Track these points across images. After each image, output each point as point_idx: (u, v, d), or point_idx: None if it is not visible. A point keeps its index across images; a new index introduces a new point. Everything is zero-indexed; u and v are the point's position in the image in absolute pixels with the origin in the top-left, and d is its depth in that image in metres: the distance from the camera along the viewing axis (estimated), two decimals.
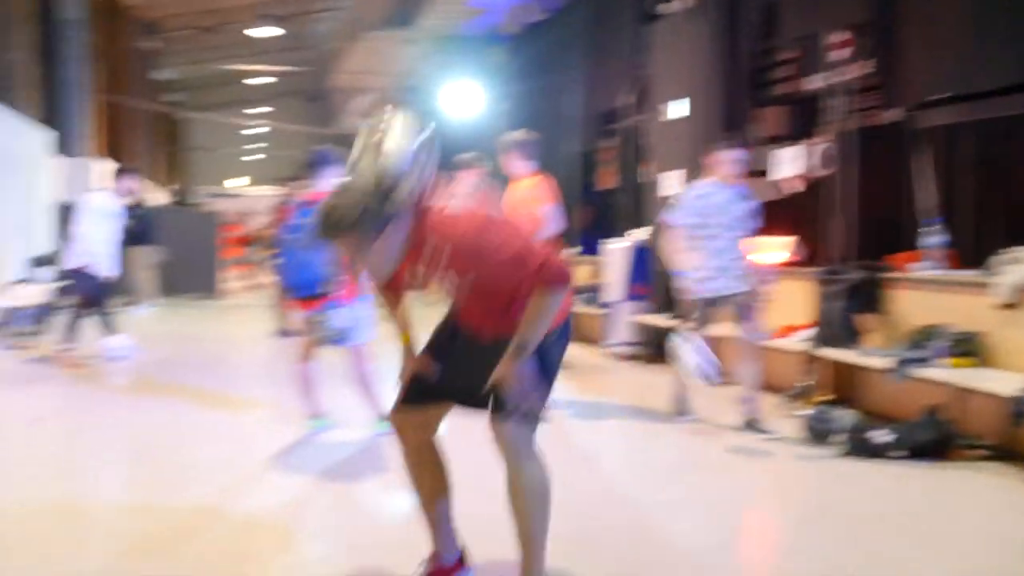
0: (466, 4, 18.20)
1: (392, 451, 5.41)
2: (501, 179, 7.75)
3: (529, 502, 3.09)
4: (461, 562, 3.37)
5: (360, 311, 5.78)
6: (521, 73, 14.69)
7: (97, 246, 8.70)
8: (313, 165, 6.19)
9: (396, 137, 3.00)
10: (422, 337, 3.37)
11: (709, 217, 6.13)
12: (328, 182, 6.08)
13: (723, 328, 6.47)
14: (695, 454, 5.78)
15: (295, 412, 6.13)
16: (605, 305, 10.20)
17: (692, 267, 6.12)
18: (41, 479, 4.95)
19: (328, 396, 6.00)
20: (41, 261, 12.68)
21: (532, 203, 7.13)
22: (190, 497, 4.56)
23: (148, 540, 3.92)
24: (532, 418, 3.09)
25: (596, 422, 6.72)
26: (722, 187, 6.20)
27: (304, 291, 5.88)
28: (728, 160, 6.23)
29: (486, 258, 2.99)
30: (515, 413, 3.03)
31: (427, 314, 3.56)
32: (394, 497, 4.67)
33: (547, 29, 13.94)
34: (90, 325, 8.87)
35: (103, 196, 9.02)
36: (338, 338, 5.84)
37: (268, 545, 3.89)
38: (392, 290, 3.35)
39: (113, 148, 23.08)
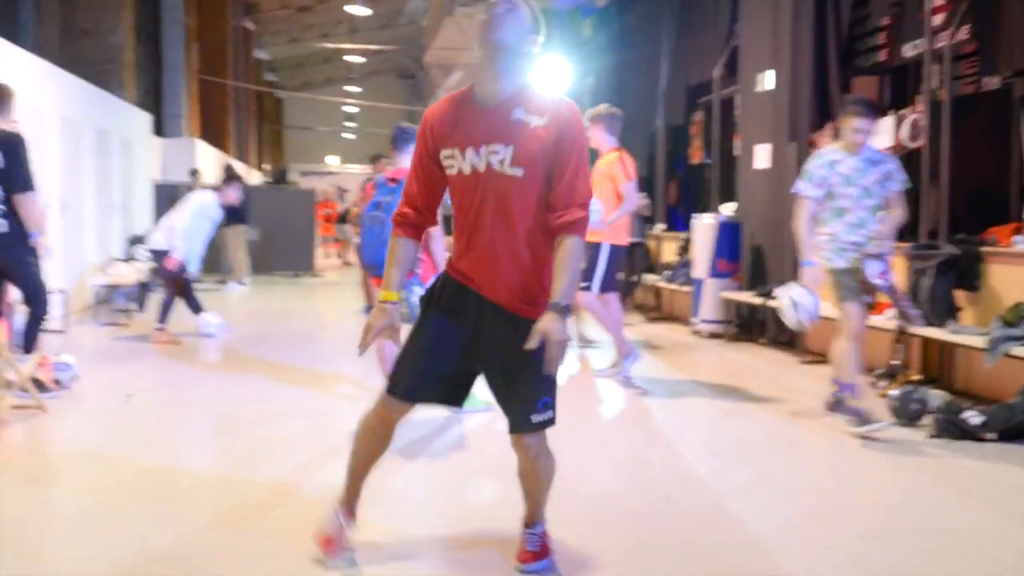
0: None
1: (466, 427, 5.52)
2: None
3: (543, 485, 3.37)
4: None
5: None
6: (609, 46, 14.49)
7: (188, 242, 8.91)
8: (396, 142, 6.20)
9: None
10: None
11: (836, 187, 5.57)
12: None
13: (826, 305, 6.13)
14: (777, 434, 5.63)
15: (377, 388, 6.20)
16: (693, 282, 10.04)
17: (825, 238, 5.63)
18: (128, 453, 5.08)
19: None
20: (138, 240, 13.08)
21: (613, 179, 7.11)
22: (269, 472, 4.63)
23: (226, 513, 3.99)
24: (551, 415, 3.18)
25: (677, 400, 6.62)
26: (847, 155, 5.57)
27: (383, 268, 5.90)
28: (855, 128, 5.52)
29: (571, 156, 3.05)
30: (538, 425, 3.16)
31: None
32: (468, 476, 4.68)
33: (635, 0, 13.71)
34: (183, 304, 9.15)
35: (208, 198, 9.21)
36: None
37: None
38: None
39: (210, 128, 23.65)
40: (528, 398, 3.14)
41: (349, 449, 3.44)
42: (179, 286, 9.08)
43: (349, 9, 26.47)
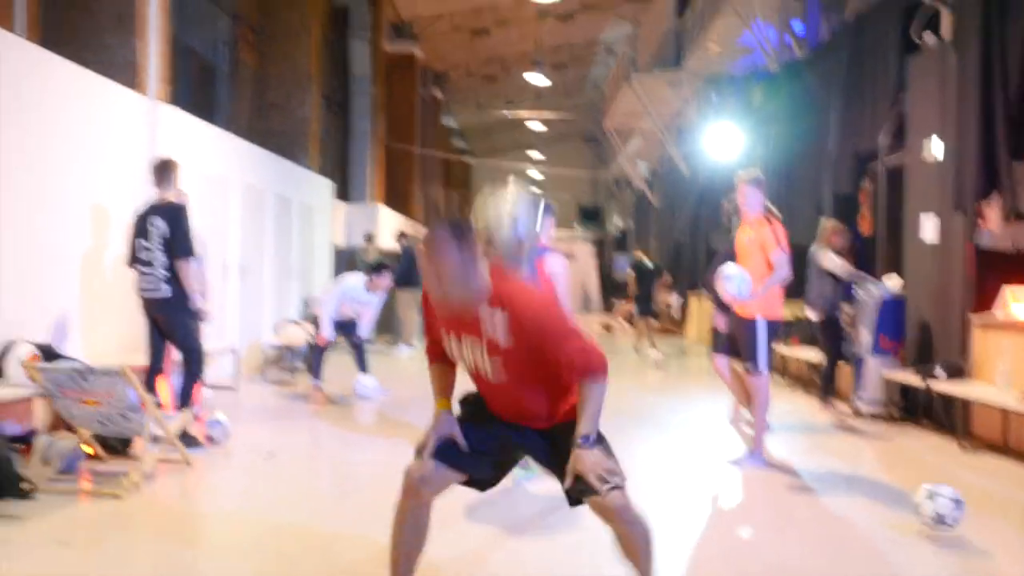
0: (736, 43, 18.02)
1: (582, 510, 5.46)
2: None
3: (642, 550, 3.34)
4: None
5: None
6: (779, 114, 14.24)
7: (329, 314, 9.32)
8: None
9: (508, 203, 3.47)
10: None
11: None
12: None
13: None
14: (925, 529, 5.29)
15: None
16: (854, 358, 9.61)
17: None
18: (254, 512, 5.33)
19: None
20: (312, 302, 13.72)
21: (764, 247, 6.88)
22: (383, 537, 4.74)
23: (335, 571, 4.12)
24: (622, 483, 3.24)
25: (820, 489, 6.33)
26: None
27: None
28: None
29: (543, 340, 3.16)
30: (611, 491, 3.19)
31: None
32: (584, 556, 4.63)
33: (807, 66, 13.45)
34: (345, 365, 9.55)
35: (355, 283, 9.52)
36: None
37: None
38: (454, 336, 3.33)
39: (396, 193, 24.63)
40: (576, 478, 3.22)
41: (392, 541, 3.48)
42: (355, 349, 9.53)
43: (529, 78, 27.10)
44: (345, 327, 9.52)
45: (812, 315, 9.26)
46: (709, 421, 8.82)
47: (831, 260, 9.14)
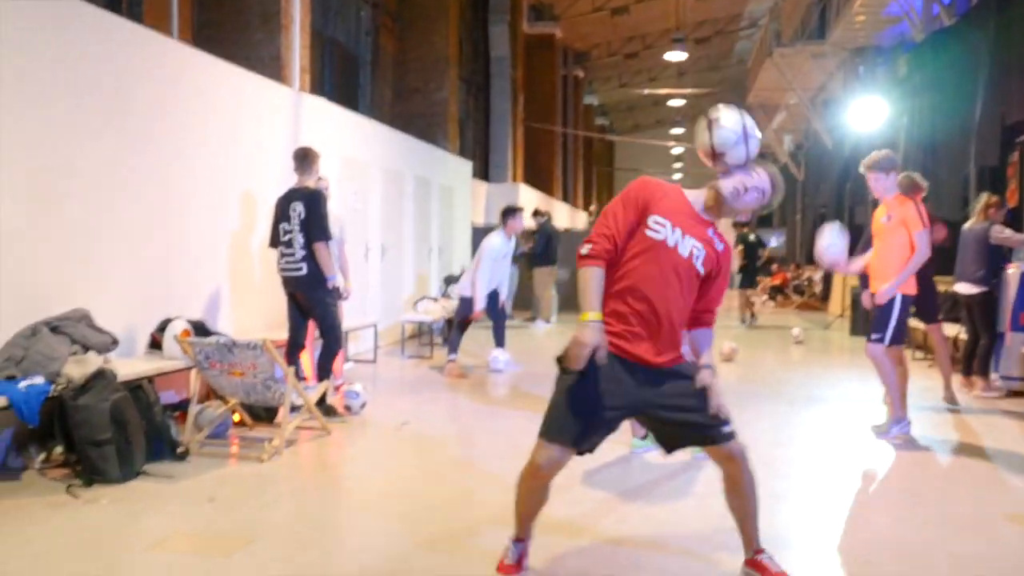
0: (882, 14, 17.48)
1: (690, 475, 5.61)
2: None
3: (752, 499, 3.76)
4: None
5: None
6: (924, 85, 13.80)
7: (490, 285, 9.68)
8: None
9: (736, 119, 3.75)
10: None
11: None
12: None
13: None
14: None
15: (625, 430, 6.48)
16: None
17: None
18: (380, 476, 5.73)
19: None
20: (453, 279, 14.15)
21: (907, 225, 6.78)
22: (490, 502, 5.02)
23: (438, 539, 4.42)
24: (734, 428, 3.67)
25: (945, 464, 6.27)
26: None
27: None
28: None
29: (722, 276, 3.72)
30: (732, 432, 3.64)
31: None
32: (692, 523, 4.79)
33: (955, 35, 12.99)
34: (481, 339, 9.92)
35: (494, 240, 9.87)
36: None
37: (549, 547, 4.19)
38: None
39: (537, 172, 24.94)
40: (712, 422, 3.62)
41: (516, 493, 3.82)
42: (494, 323, 9.96)
43: (668, 56, 26.90)
44: (489, 301, 9.89)
45: (970, 290, 8.89)
46: (846, 396, 8.76)
47: (1001, 232, 8.79)
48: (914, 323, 9.13)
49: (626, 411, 3.67)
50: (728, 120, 3.69)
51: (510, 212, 9.97)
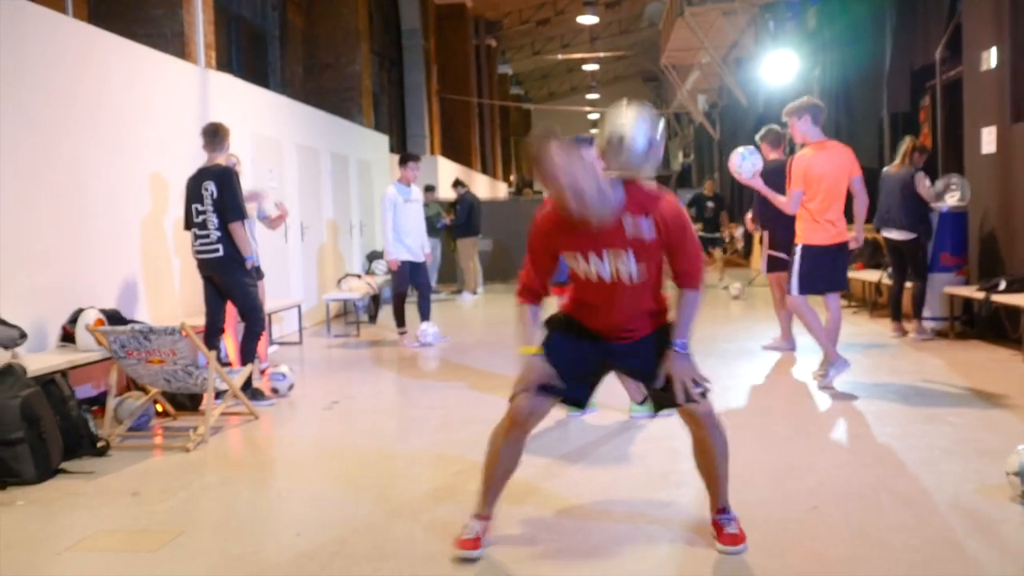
0: None
1: (630, 435, 5.54)
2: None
3: (719, 459, 3.66)
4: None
5: None
6: (833, 37, 13.91)
7: (400, 239, 9.58)
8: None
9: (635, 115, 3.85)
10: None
11: None
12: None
13: None
14: (968, 441, 5.26)
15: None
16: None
17: None
18: (311, 458, 5.57)
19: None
20: (376, 256, 13.92)
21: (847, 171, 6.94)
22: (431, 477, 4.91)
23: (380, 517, 4.27)
24: (708, 390, 3.59)
25: (871, 404, 6.30)
26: None
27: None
28: None
29: (681, 244, 3.48)
30: (700, 398, 3.54)
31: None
32: (635, 485, 4.71)
33: None
34: (411, 311, 9.85)
35: (390, 187, 9.94)
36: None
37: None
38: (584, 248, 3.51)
39: (454, 145, 24.69)
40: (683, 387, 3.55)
41: (485, 457, 3.75)
42: (421, 291, 9.95)
43: (580, 20, 26.79)
44: (413, 272, 9.77)
45: (899, 236, 8.91)
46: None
47: (923, 180, 8.84)
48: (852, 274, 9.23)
49: (592, 360, 3.70)
50: (639, 137, 3.85)
51: (402, 160, 10.02)
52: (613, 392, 5.90)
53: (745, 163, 7.41)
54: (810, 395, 6.76)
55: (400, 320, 9.90)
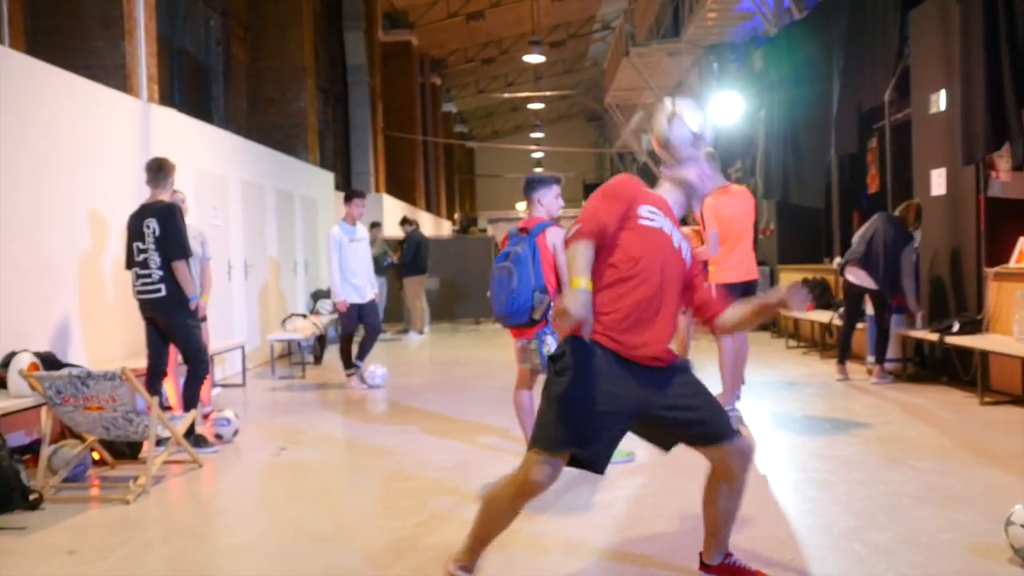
0: (734, 10, 17.78)
1: (595, 484, 5.35)
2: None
3: (741, 497, 3.57)
4: None
5: None
6: (780, 78, 14.03)
7: (347, 279, 9.34)
8: (526, 190, 6.16)
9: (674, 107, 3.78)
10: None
11: None
12: (542, 208, 6.06)
13: None
14: (933, 487, 5.18)
15: (520, 440, 6.24)
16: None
17: None
18: (261, 509, 5.29)
19: None
20: (321, 294, 13.63)
21: (750, 212, 7.36)
22: (390, 530, 4.65)
23: (339, 572, 4.02)
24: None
25: (833, 448, 6.20)
26: None
27: (515, 319, 5.85)
28: None
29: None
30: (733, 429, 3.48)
31: None
32: (596, 531, 4.53)
33: (807, 28, 13.23)
34: (355, 353, 9.59)
35: (334, 226, 9.69)
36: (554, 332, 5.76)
37: None
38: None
39: (399, 182, 24.53)
40: (718, 413, 3.49)
41: (481, 515, 3.52)
42: (359, 333, 9.66)
43: (527, 59, 26.91)
44: (362, 312, 9.57)
45: (869, 283, 8.77)
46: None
47: (910, 259, 8.79)
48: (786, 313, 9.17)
49: (628, 415, 3.39)
50: (687, 117, 3.73)
51: (347, 197, 9.80)
52: None
53: None
54: (771, 439, 6.65)
55: (348, 361, 9.64)
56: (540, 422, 3.36)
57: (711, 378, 7.63)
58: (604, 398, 3.30)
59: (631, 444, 5.58)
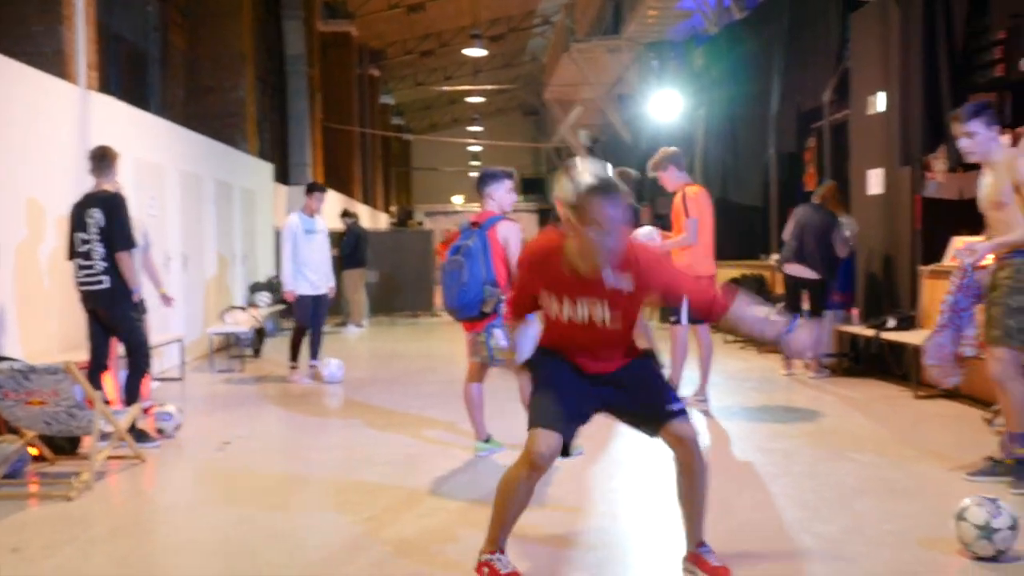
0: (675, 8, 17.95)
1: (554, 476, 5.37)
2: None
3: (704, 489, 3.66)
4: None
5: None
6: (720, 77, 14.21)
7: (299, 269, 9.26)
8: (479, 185, 6.16)
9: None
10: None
11: None
12: (493, 202, 6.07)
13: None
14: (877, 480, 5.30)
15: (467, 434, 6.26)
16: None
17: None
18: (209, 505, 5.20)
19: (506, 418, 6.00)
20: (259, 287, 13.47)
21: (678, 214, 7.37)
22: (341, 525, 4.62)
23: (293, 570, 3.98)
24: (684, 404, 3.68)
25: (774, 442, 6.32)
26: None
27: (466, 312, 5.85)
28: None
29: (674, 280, 3.73)
30: (681, 411, 3.60)
31: None
32: (539, 526, 4.54)
33: (748, 27, 13.42)
34: (305, 346, 9.56)
35: (292, 216, 9.60)
36: (500, 359, 5.79)
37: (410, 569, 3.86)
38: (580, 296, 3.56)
39: (336, 174, 24.28)
40: (657, 400, 3.61)
41: (497, 500, 3.65)
42: (305, 325, 9.56)
43: (467, 52, 26.84)
44: (314, 305, 9.52)
45: (808, 274, 8.93)
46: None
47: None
48: None
49: (592, 398, 3.65)
50: (584, 171, 3.58)
51: (308, 189, 9.82)
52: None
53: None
54: (715, 432, 6.74)
55: (295, 354, 9.54)
56: (532, 404, 3.61)
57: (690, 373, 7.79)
58: (572, 383, 3.61)
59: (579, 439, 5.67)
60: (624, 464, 5.82)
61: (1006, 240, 4.95)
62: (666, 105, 16.41)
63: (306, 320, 9.49)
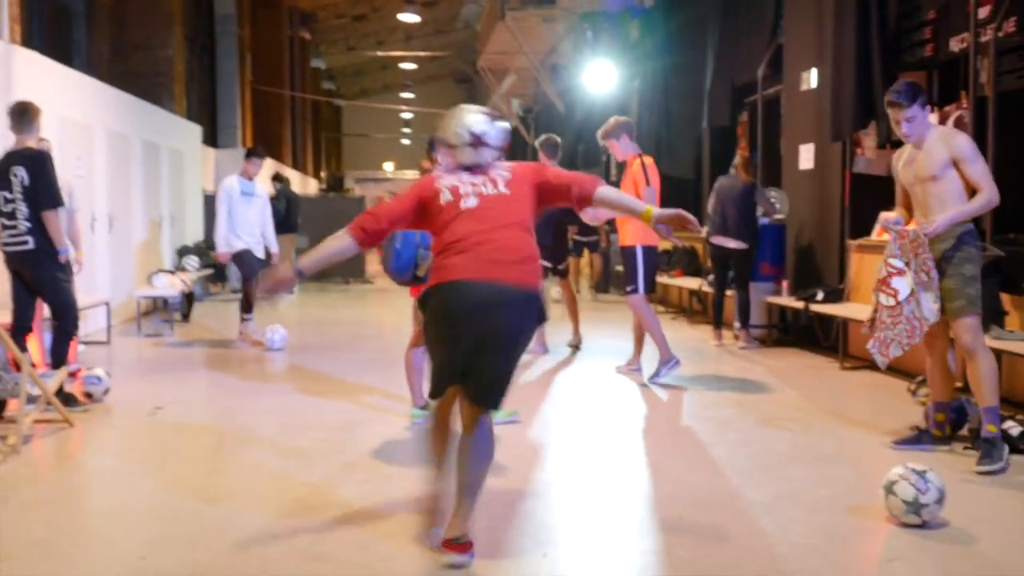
0: None
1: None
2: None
3: (478, 469, 3.69)
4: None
5: None
6: (655, 49, 14.26)
7: (235, 232, 9.17)
8: (430, 150, 6.13)
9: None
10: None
11: None
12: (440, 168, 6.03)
13: None
14: (806, 447, 5.44)
15: (403, 400, 6.24)
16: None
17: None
18: (143, 470, 5.10)
19: None
20: (187, 250, 13.23)
21: (635, 183, 7.34)
22: (281, 491, 4.59)
23: (231, 535, 3.94)
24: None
25: (708, 410, 6.43)
26: None
27: (400, 276, 5.81)
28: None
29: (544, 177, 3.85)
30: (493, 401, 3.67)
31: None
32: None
33: (683, 1, 13.46)
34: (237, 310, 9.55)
35: (230, 178, 9.60)
36: None
37: (345, 544, 3.83)
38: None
39: (266, 138, 23.87)
40: (494, 375, 3.59)
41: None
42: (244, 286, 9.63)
43: (401, 17, 26.53)
44: (253, 260, 9.55)
45: (733, 245, 9.09)
46: (606, 349, 8.85)
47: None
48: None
49: (465, 343, 3.58)
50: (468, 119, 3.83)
51: (248, 154, 9.89)
52: None
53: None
54: (651, 401, 6.84)
55: (249, 306, 9.61)
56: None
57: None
58: (448, 337, 3.61)
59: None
60: (557, 428, 5.88)
61: (967, 208, 5.01)
62: (600, 76, 16.42)
63: (251, 272, 9.42)
